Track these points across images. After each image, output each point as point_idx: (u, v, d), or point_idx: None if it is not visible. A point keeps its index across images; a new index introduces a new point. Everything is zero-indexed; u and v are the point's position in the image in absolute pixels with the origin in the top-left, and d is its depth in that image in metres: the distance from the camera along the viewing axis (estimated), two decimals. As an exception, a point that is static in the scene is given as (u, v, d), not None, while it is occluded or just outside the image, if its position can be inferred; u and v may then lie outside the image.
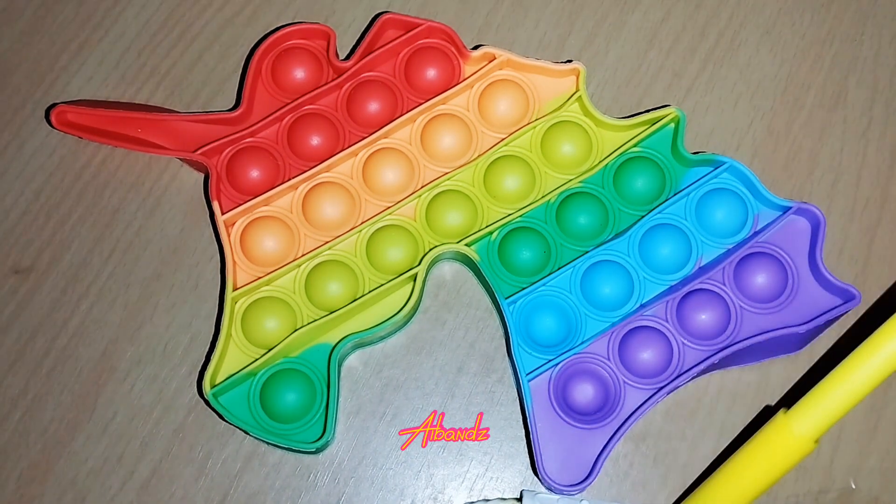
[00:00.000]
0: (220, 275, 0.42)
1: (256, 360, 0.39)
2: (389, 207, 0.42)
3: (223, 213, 0.41)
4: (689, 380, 0.40)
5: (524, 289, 0.41)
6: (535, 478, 0.39)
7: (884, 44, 0.46)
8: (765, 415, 0.39)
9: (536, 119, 0.43)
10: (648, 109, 0.44)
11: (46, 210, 0.44)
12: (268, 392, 0.39)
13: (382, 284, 0.40)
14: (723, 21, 0.47)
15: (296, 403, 0.39)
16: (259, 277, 0.41)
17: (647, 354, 0.40)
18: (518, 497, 0.39)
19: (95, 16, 0.47)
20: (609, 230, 0.42)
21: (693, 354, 0.40)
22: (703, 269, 0.41)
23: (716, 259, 0.41)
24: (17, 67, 0.46)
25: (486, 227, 0.41)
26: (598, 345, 0.40)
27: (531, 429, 0.38)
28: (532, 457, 0.39)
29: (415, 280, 0.40)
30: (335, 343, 0.40)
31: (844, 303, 0.39)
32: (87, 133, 0.42)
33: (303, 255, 0.41)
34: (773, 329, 0.39)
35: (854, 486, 0.40)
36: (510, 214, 0.41)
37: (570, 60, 0.43)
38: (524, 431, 0.40)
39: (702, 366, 0.39)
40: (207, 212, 0.43)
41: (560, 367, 0.40)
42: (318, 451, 0.40)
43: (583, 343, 0.40)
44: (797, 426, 0.33)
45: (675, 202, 0.42)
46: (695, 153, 0.42)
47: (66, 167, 0.44)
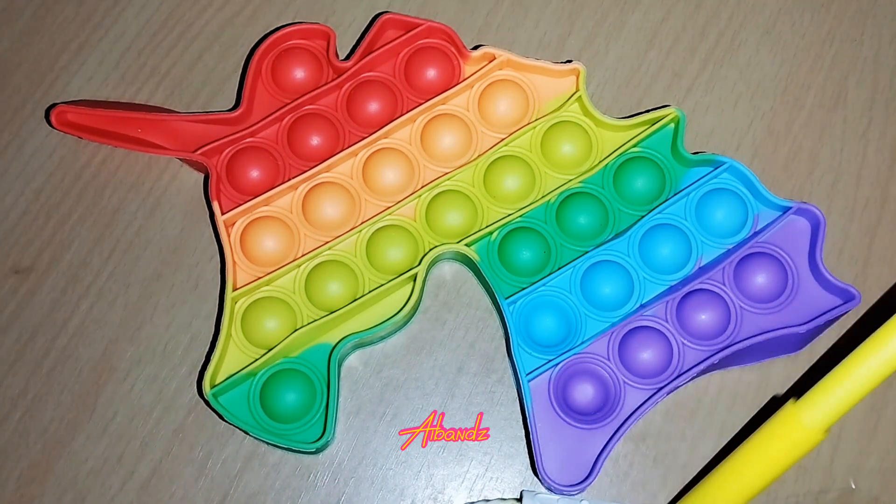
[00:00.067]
0: (220, 275, 0.42)
1: (256, 361, 0.39)
2: (389, 207, 0.42)
3: (223, 213, 0.41)
4: (689, 380, 0.40)
5: (524, 289, 0.41)
6: (535, 478, 0.39)
7: (884, 44, 0.46)
8: (772, 406, 0.39)
9: (536, 119, 0.43)
10: (648, 109, 0.44)
11: (46, 210, 0.44)
12: (268, 392, 0.39)
13: (382, 284, 0.40)
14: (723, 21, 0.47)
15: (296, 403, 0.39)
16: (259, 277, 0.41)
17: (647, 354, 0.40)
18: (518, 497, 0.39)
19: (95, 16, 0.47)
20: (609, 230, 0.42)
21: (693, 354, 0.40)
22: (703, 269, 0.41)
23: (716, 259, 0.41)
24: (17, 67, 0.46)
25: (486, 227, 0.41)
26: (598, 345, 0.40)
27: (531, 429, 0.38)
28: (532, 457, 0.39)
29: (415, 280, 0.40)
30: (335, 343, 0.40)
31: (844, 303, 0.39)
32: (87, 133, 0.42)
33: (303, 255, 0.41)
34: (774, 329, 0.39)
35: (854, 486, 0.40)
36: (510, 214, 0.41)
37: (570, 60, 0.43)
38: (524, 431, 0.40)
39: (702, 366, 0.39)
40: (207, 212, 0.43)
41: (560, 368, 0.40)
42: (318, 451, 0.40)
43: (583, 343, 0.40)
44: (806, 416, 0.32)
45: (675, 202, 0.42)
46: (695, 153, 0.42)
47: (66, 167, 0.44)
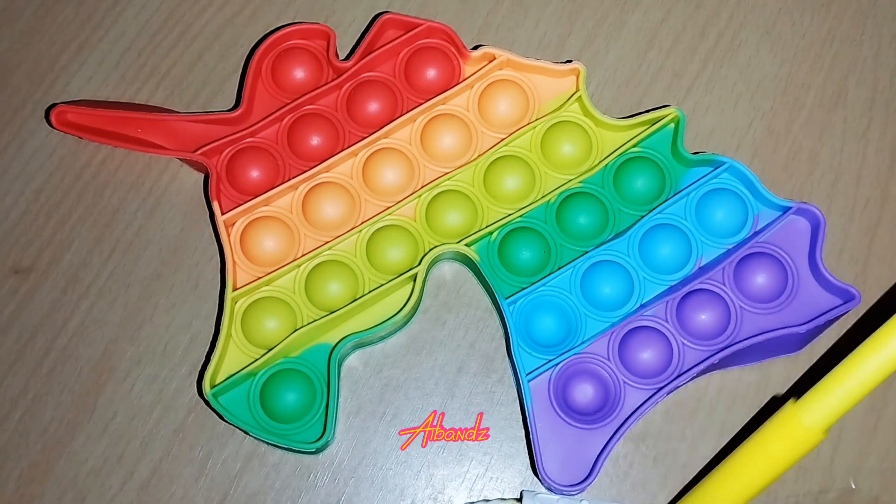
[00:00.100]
0: (220, 275, 0.42)
1: (256, 361, 0.39)
2: (389, 207, 0.42)
3: (223, 213, 0.41)
4: (689, 380, 0.40)
5: (524, 289, 0.41)
6: (535, 478, 0.39)
7: (884, 44, 0.46)
8: (772, 406, 0.39)
9: (536, 119, 0.43)
10: (648, 109, 0.44)
11: (46, 210, 0.44)
12: (268, 392, 0.39)
13: (382, 284, 0.40)
14: (723, 21, 0.47)
15: (296, 403, 0.39)
16: (259, 277, 0.41)
17: (647, 354, 0.40)
18: (518, 497, 0.39)
19: (95, 16, 0.47)
20: (609, 230, 0.42)
21: (693, 354, 0.40)
22: (703, 269, 0.41)
23: (716, 259, 0.41)
24: (17, 67, 0.46)
25: (486, 227, 0.41)
26: (598, 345, 0.40)
27: (531, 429, 0.38)
28: (532, 457, 0.39)
29: (415, 280, 0.40)
30: (335, 343, 0.40)
31: (844, 303, 0.39)
32: (87, 133, 0.42)
33: (303, 255, 0.41)
34: (774, 329, 0.39)
35: (854, 486, 0.40)
36: (510, 214, 0.41)
37: (570, 60, 0.43)
38: (524, 431, 0.40)
39: (702, 366, 0.39)
40: (207, 212, 0.43)
41: (560, 368, 0.40)
42: (318, 451, 0.40)
43: (583, 343, 0.40)
44: (806, 416, 0.32)
45: (675, 202, 0.42)
46: (695, 153, 0.42)
47: (66, 167, 0.44)
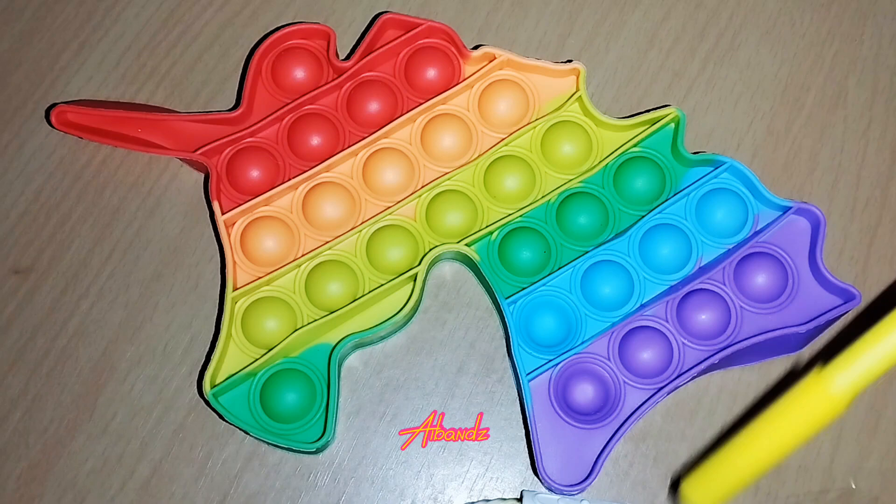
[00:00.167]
0: (220, 275, 0.42)
1: (256, 361, 0.39)
2: (389, 207, 0.42)
3: (223, 213, 0.41)
4: (689, 380, 0.40)
5: (524, 289, 0.41)
6: (535, 478, 0.39)
7: (884, 44, 0.46)
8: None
9: (536, 119, 0.43)
10: (648, 109, 0.44)
11: (46, 210, 0.44)
12: (268, 392, 0.39)
13: (382, 284, 0.40)
14: (723, 21, 0.47)
15: (296, 403, 0.39)
16: (259, 277, 0.41)
17: (647, 354, 0.40)
18: (518, 497, 0.39)
19: (95, 16, 0.47)
20: (609, 230, 0.42)
21: (693, 354, 0.40)
22: (704, 269, 0.41)
23: (716, 259, 0.41)
24: (17, 67, 0.46)
25: (486, 227, 0.41)
26: (599, 345, 0.40)
27: (531, 429, 0.38)
28: (532, 457, 0.39)
29: (415, 280, 0.40)
30: (335, 343, 0.40)
31: (844, 303, 0.39)
32: (87, 133, 0.42)
33: (303, 255, 0.41)
34: (774, 329, 0.39)
35: (854, 486, 0.40)
36: (510, 214, 0.41)
37: (570, 60, 0.43)
38: (524, 431, 0.40)
39: (702, 366, 0.39)
40: (207, 212, 0.43)
41: (560, 367, 0.40)
42: (319, 451, 0.40)
43: (583, 343, 0.40)
44: (832, 385, 0.30)
45: (675, 202, 0.42)
46: (695, 153, 0.42)
47: (66, 167, 0.44)
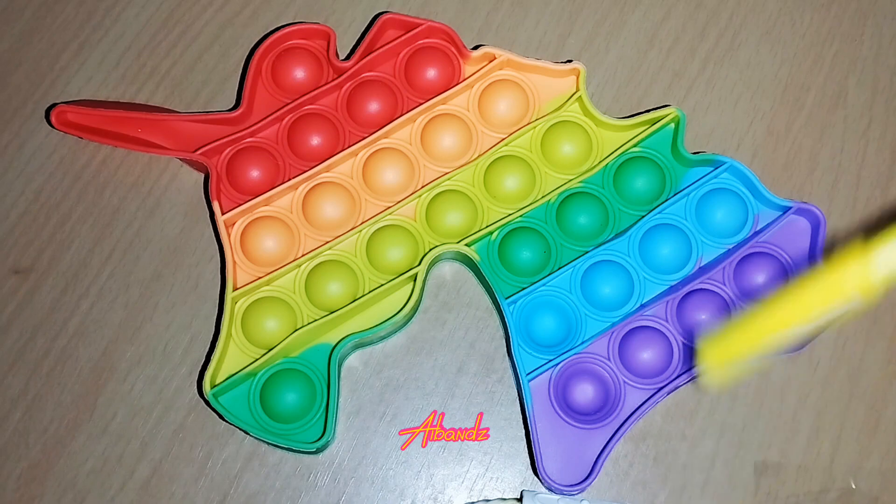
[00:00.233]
0: (220, 275, 0.42)
1: (256, 361, 0.39)
2: (389, 207, 0.42)
3: (223, 213, 0.41)
4: (689, 380, 0.40)
5: (524, 289, 0.41)
6: (535, 478, 0.39)
7: (884, 44, 0.46)
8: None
9: (536, 119, 0.43)
10: (648, 109, 0.44)
11: (46, 210, 0.44)
12: (268, 392, 0.39)
13: (382, 284, 0.40)
14: (723, 21, 0.47)
15: (296, 403, 0.39)
16: (259, 277, 0.41)
17: (647, 354, 0.40)
18: (518, 497, 0.39)
19: (95, 16, 0.47)
20: (609, 230, 0.42)
21: (693, 355, 0.40)
22: (704, 269, 0.41)
23: (716, 259, 0.41)
24: (17, 67, 0.46)
25: (486, 227, 0.41)
26: (598, 345, 0.40)
27: (531, 429, 0.38)
28: (532, 457, 0.39)
29: (415, 280, 0.40)
30: (335, 343, 0.40)
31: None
32: (87, 133, 0.42)
33: (303, 255, 0.41)
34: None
35: (854, 486, 0.40)
36: (510, 214, 0.41)
37: (570, 60, 0.43)
38: (524, 431, 0.40)
39: (702, 366, 0.39)
40: (207, 212, 0.43)
41: (560, 367, 0.40)
42: (319, 452, 0.40)
43: (583, 343, 0.40)
44: (875, 262, 0.29)
45: (675, 202, 0.42)
46: (695, 153, 0.42)
47: (66, 167, 0.44)
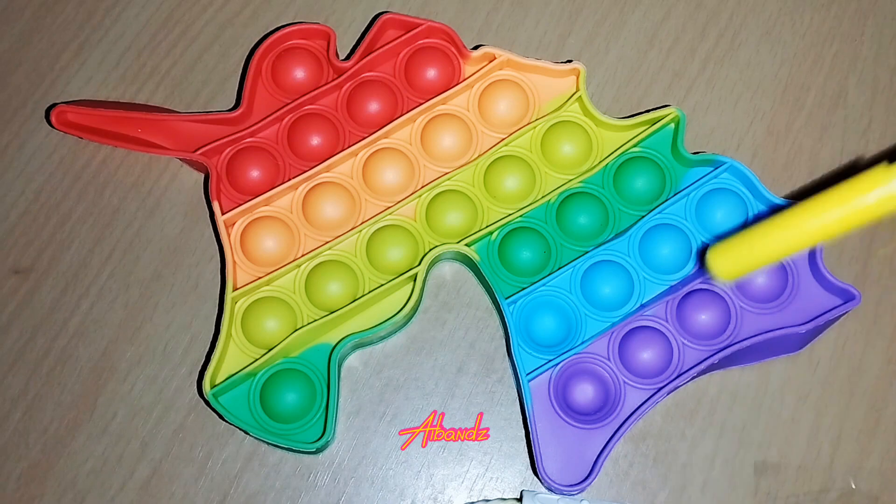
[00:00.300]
0: (220, 275, 0.42)
1: (256, 361, 0.39)
2: (389, 207, 0.42)
3: (223, 213, 0.41)
4: (689, 380, 0.40)
5: (524, 289, 0.41)
6: (535, 478, 0.39)
7: (884, 44, 0.46)
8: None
9: (536, 119, 0.43)
10: (648, 109, 0.44)
11: (46, 210, 0.44)
12: (268, 392, 0.39)
13: (382, 284, 0.40)
14: (723, 21, 0.47)
15: (296, 403, 0.39)
16: (259, 277, 0.41)
17: (647, 354, 0.40)
18: (518, 497, 0.39)
19: (95, 16, 0.47)
20: (609, 230, 0.42)
21: (693, 354, 0.40)
22: (703, 270, 0.41)
23: (716, 259, 0.41)
24: (17, 67, 0.46)
25: (486, 228, 0.41)
26: (598, 345, 0.40)
27: (531, 429, 0.38)
28: (532, 457, 0.39)
29: (415, 280, 0.40)
30: (335, 343, 0.40)
31: (844, 303, 0.39)
32: (87, 133, 0.42)
33: (303, 255, 0.41)
34: (774, 329, 0.39)
35: (854, 486, 0.40)
36: (510, 214, 0.41)
37: (570, 60, 0.43)
38: (524, 431, 0.40)
39: (702, 366, 0.39)
40: (207, 212, 0.43)
41: (560, 367, 0.40)
42: (319, 452, 0.40)
43: (583, 343, 0.40)
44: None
45: (675, 202, 0.42)
46: (695, 153, 0.42)
47: (66, 167, 0.44)
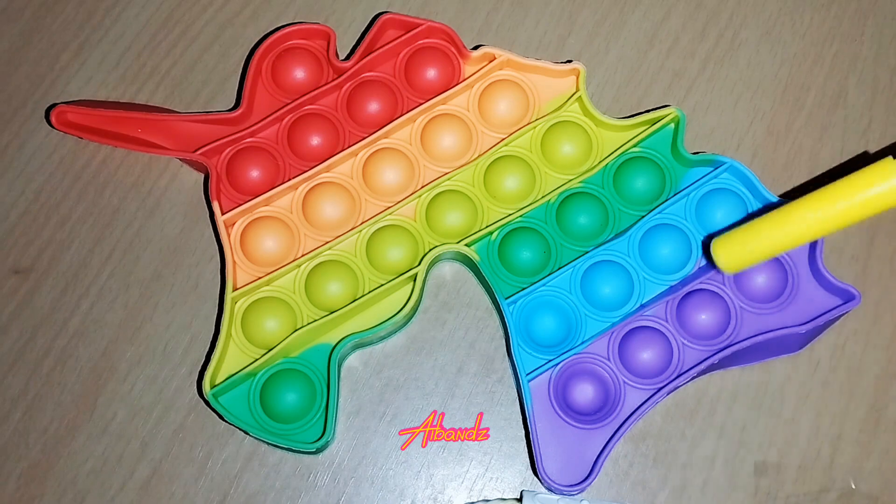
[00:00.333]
0: (220, 275, 0.42)
1: (256, 361, 0.39)
2: (389, 207, 0.42)
3: (223, 213, 0.41)
4: (689, 380, 0.40)
5: (524, 289, 0.41)
6: (535, 478, 0.39)
7: (884, 44, 0.46)
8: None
9: (536, 119, 0.43)
10: (648, 109, 0.44)
11: (46, 210, 0.44)
12: (268, 392, 0.39)
13: (382, 284, 0.40)
14: (723, 21, 0.47)
15: (296, 403, 0.39)
16: (259, 277, 0.41)
17: (647, 354, 0.40)
18: (518, 497, 0.39)
19: (95, 16, 0.47)
20: (609, 230, 0.42)
21: (693, 354, 0.40)
22: (704, 269, 0.41)
23: (716, 259, 0.41)
24: (17, 67, 0.46)
25: (486, 228, 0.41)
26: (598, 345, 0.40)
27: (531, 429, 0.38)
28: (532, 457, 0.39)
29: (415, 280, 0.40)
30: (335, 343, 0.40)
31: (844, 303, 0.39)
32: (87, 133, 0.42)
33: (303, 255, 0.41)
34: (774, 329, 0.39)
35: (854, 486, 0.40)
36: (510, 214, 0.41)
37: (570, 60, 0.43)
38: (524, 431, 0.40)
39: (702, 366, 0.39)
40: (207, 212, 0.43)
41: (560, 368, 0.40)
42: (318, 452, 0.40)
43: (583, 343, 0.40)
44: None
45: (675, 202, 0.42)
46: (695, 153, 0.42)
47: (66, 167, 0.44)
